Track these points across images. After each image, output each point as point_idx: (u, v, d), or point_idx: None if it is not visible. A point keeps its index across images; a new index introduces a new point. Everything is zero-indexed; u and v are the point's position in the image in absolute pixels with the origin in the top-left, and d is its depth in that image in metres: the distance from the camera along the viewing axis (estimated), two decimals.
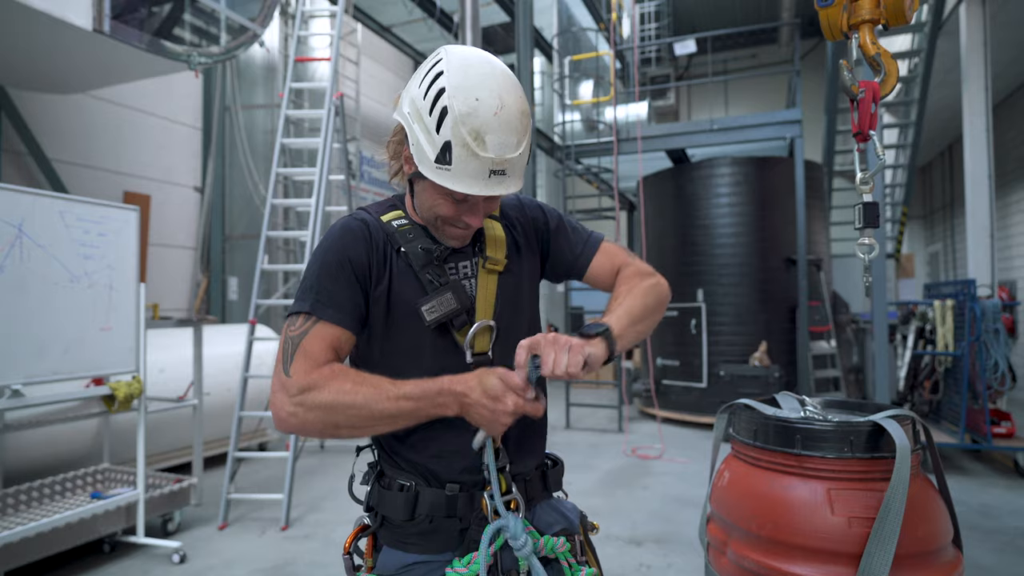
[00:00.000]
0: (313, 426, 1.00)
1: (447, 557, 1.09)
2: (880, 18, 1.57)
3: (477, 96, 0.97)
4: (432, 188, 1.05)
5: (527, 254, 1.24)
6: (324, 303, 1.06)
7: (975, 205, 6.23)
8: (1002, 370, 4.47)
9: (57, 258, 2.84)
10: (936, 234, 13.14)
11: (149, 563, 3.11)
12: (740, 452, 1.50)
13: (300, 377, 1.00)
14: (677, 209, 7.10)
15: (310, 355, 1.02)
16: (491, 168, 0.99)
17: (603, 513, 3.80)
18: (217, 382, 4.66)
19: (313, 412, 0.98)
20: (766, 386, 6.02)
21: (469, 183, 0.99)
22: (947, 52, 7.27)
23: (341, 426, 1.00)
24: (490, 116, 0.97)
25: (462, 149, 0.97)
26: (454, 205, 1.06)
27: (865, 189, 1.60)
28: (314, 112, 4.77)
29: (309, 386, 0.99)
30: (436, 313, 1.07)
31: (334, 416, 0.99)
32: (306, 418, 0.99)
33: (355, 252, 1.09)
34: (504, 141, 0.99)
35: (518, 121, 1.00)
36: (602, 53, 8.93)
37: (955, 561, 1.30)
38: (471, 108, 0.97)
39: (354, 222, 1.13)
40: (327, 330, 1.05)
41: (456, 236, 1.13)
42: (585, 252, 1.27)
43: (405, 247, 1.11)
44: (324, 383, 0.99)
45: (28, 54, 4.29)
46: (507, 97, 0.99)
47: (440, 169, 0.99)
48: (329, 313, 1.06)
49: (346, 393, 0.98)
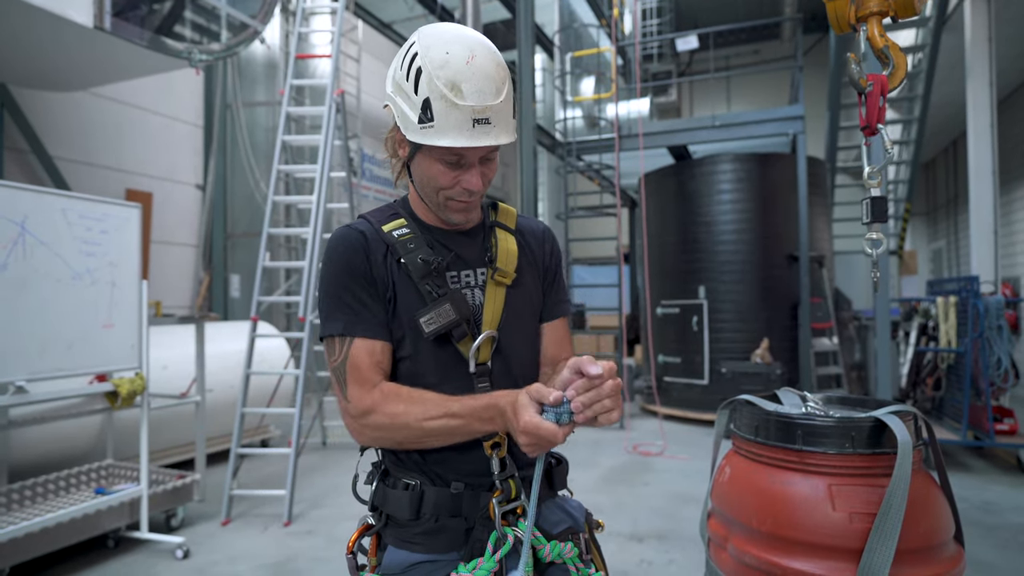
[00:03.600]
0: (384, 442, 1.09)
1: (452, 557, 1.09)
2: (889, 10, 1.54)
3: (447, 50, 0.99)
4: (425, 159, 1.06)
5: (535, 276, 1.25)
6: (354, 320, 1.09)
7: (979, 201, 6.21)
8: (1005, 367, 4.46)
9: (60, 255, 2.85)
10: (939, 231, 13.10)
11: (153, 558, 3.12)
12: (741, 448, 1.50)
13: (356, 402, 1.06)
14: (679, 206, 7.08)
15: (361, 377, 1.07)
16: (473, 117, 0.99)
17: (605, 510, 3.81)
18: (219, 379, 4.67)
19: (377, 432, 1.06)
20: (768, 383, 6.01)
21: (454, 135, 0.99)
22: (951, 47, 7.24)
23: (404, 443, 1.07)
24: (462, 65, 0.98)
25: (441, 102, 0.98)
26: (450, 171, 1.05)
27: (873, 183, 1.58)
28: (315, 109, 4.77)
29: (367, 410, 1.05)
30: (434, 325, 1.07)
31: (395, 435, 1.05)
32: (373, 437, 1.08)
33: (358, 265, 1.10)
34: (481, 88, 0.99)
35: (493, 70, 1.01)
36: (604, 49, 8.91)
37: (957, 557, 1.30)
38: (443, 60, 0.98)
39: (353, 233, 1.13)
40: (366, 345, 1.09)
41: (461, 211, 1.12)
42: (554, 309, 1.28)
43: (405, 258, 1.11)
44: (378, 407, 1.05)
45: (29, 52, 4.30)
46: (478, 49, 1.01)
47: (425, 128, 1.00)
48: (362, 329, 1.09)
49: (399, 416, 1.03)
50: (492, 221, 1.23)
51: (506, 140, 1.03)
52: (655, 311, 7.20)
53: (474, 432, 1.02)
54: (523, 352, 1.19)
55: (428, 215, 1.18)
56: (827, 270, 6.85)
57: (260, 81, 7.66)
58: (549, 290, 1.30)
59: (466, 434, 1.03)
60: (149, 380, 3.34)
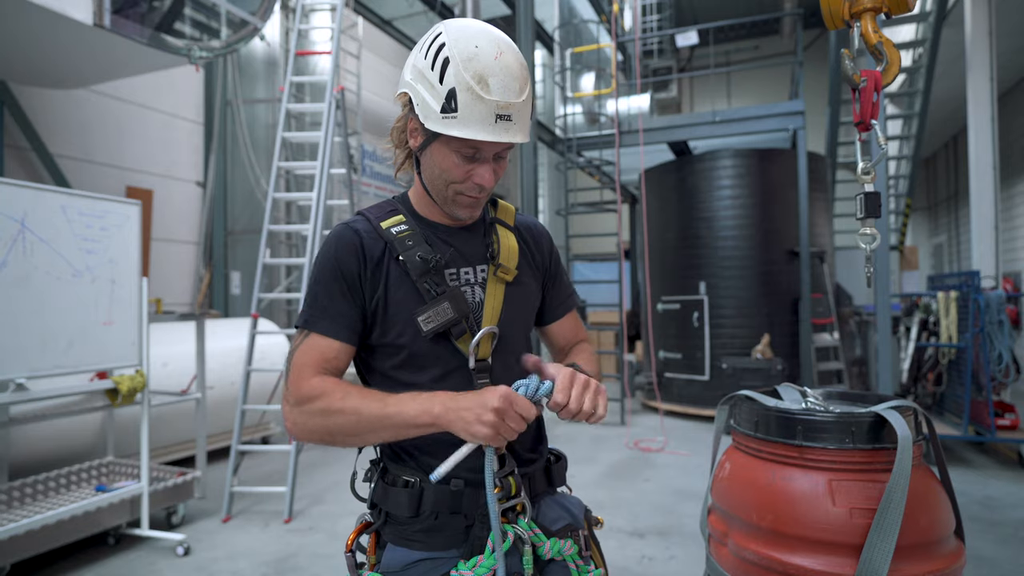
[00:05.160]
0: (315, 434, 1.05)
1: (452, 554, 1.09)
2: (882, 6, 1.55)
3: (476, 44, 1.01)
4: (441, 150, 1.06)
5: (533, 274, 1.26)
6: (318, 316, 1.09)
7: (979, 196, 6.19)
8: (1006, 362, 4.46)
9: (60, 253, 2.85)
10: (940, 226, 13.08)
11: (153, 555, 3.13)
12: (741, 443, 1.50)
13: (294, 390, 1.04)
14: (679, 202, 7.07)
15: (304, 367, 1.06)
16: (496, 112, 1.00)
17: (606, 506, 3.81)
18: (220, 376, 4.67)
19: (312, 420, 1.03)
20: (768, 379, 6.02)
21: (476, 128, 1.00)
22: (952, 42, 7.21)
23: (336, 435, 1.03)
24: (491, 60, 1.00)
25: (467, 93, 0.99)
26: (464, 165, 1.06)
27: (867, 179, 1.59)
28: (315, 106, 4.76)
29: (302, 398, 1.03)
30: (432, 323, 1.07)
31: (328, 424, 1.02)
32: (307, 426, 1.04)
33: (347, 263, 1.09)
34: (507, 84, 1.01)
35: (518, 69, 1.03)
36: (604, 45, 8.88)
37: (957, 552, 1.30)
38: (472, 54, 1.00)
39: (348, 231, 1.13)
40: (320, 342, 1.08)
41: (468, 206, 1.12)
42: (563, 306, 1.33)
43: (403, 255, 1.10)
44: (316, 395, 1.02)
45: (29, 49, 4.29)
46: (505, 47, 1.03)
47: (447, 118, 1.01)
48: (322, 326, 1.08)
49: (335, 402, 1.01)
50: (492, 218, 1.23)
51: (523, 139, 1.05)
52: (656, 307, 7.20)
53: (410, 423, 0.97)
54: (521, 349, 1.19)
55: (430, 210, 1.17)
56: (828, 265, 6.84)
57: (260, 78, 7.64)
58: (551, 289, 1.31)
59: (402, 425, 0.98)
60: (149, 377, 3.35)
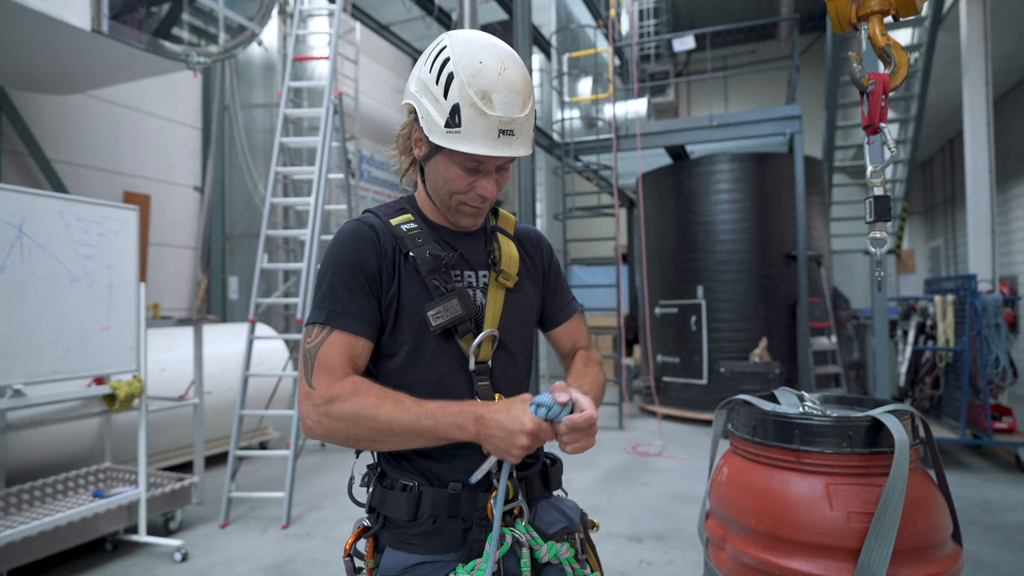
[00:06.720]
0: (338, 435, 1.03)
1: (450, 558, 1.09)
2: (890, 9, 1.54)
3: (481, 60, 1.02)
4: (444, 162, 1.08)
5: (533, 282, 1.27)
6: (339, 312, 1.07)
7: (976, 200, 6.22)
8: (1003, 365, 4.47)
9: (57, 258, 2.84)
10: (937, 229, 13.12)
11: (151, 561, 3.11)
12: (739, 448, 1.50)
13: (323, 389, 1.02)
14: (677, 206, 7.09)
15: (329, 366, 1.04)
16: (500, 128, 1.02)
17: (604, 510, 3.81)
18: (218, 381, 4.66)
19: (338, 423, 1.01)
20: (766, 382, 6.02)
21: (479, 143, 1.02)
22: (947, 46, 7.25)
23: (363, 439, 1.03)
24: (494, 76, 1.02)
25: (470, 109, 1.01)
26: (467, 176, 1.08)
27: (876, 182, 1.57)
28: (313, 111, 4.76)
29: (333, 398, 1.01)
30: (442, 319, 1.08)
31: (357, 429, 1.01)
32: (331, 427, 1.02)
33: (367, 259, 1.10)
34: (510, 100, 1.02)
35: (522, 84, 1.04)
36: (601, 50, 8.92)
37: (955, 556, 1.30)
38: (476, 70, 1.01)
39: (363, 227, 1.13)
40: (343, 339, 1.07)
41: (470, 215, 1.14)
42: (564, 311, 1.34)
43: (414, 251, 1.12)
44: (347, 396, 1.01)
45: (27, 55, 4.29)
46: (509, 62, 1.04)
47: (451, 133, 1.02)
48: (343, 322, 1.07)
49: (369, 407, 0.99)
50: (493, 226, 1.25)
51: (525, 152, 1.07)
52: (653, 311, 7.20)
53: (444, 437, 1.00)
54: (520, 354, 1.21)
55: (435, 214, 1.20)
56: (825, 269, 6.86)
57: (258, 83, 7.65)
58: (552, 296, 1.32)
59: (436, 437, 1.00)
60: (147, 382, 3.34)
